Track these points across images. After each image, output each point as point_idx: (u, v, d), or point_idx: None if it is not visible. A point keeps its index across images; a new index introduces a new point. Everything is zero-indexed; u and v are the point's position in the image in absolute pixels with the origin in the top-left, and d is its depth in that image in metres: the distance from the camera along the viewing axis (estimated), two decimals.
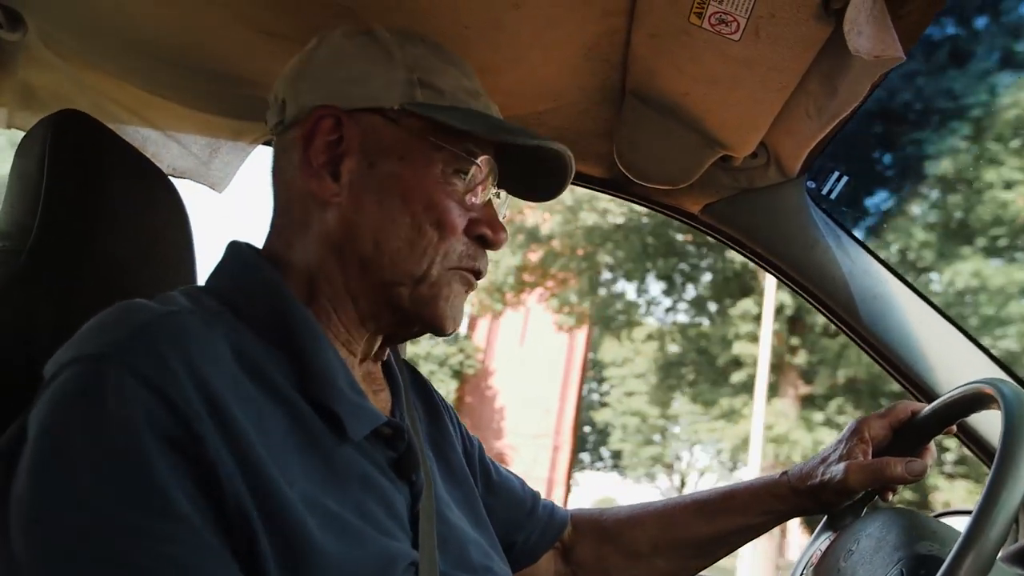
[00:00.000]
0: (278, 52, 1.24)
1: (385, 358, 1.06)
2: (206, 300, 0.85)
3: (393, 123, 0.93)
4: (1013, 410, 0.86)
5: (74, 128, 1.00)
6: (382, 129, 0.93)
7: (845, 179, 1.46)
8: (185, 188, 1.29)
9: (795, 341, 17.83)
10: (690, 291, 19.27)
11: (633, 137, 1.39)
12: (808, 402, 17.86)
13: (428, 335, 1.03)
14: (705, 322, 19.18)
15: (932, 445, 1.17)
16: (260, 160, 1.70)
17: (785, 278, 1.51)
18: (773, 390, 18.23)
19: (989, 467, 0.85)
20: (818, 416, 17.13)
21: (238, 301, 0.87)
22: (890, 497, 1.15)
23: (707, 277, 18.94)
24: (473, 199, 0.96)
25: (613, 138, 1.43)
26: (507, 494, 1.24)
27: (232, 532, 0.71)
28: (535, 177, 1.05)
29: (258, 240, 0.99)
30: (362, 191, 0.93)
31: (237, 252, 0.95)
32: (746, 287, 17.95)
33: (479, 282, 1.01)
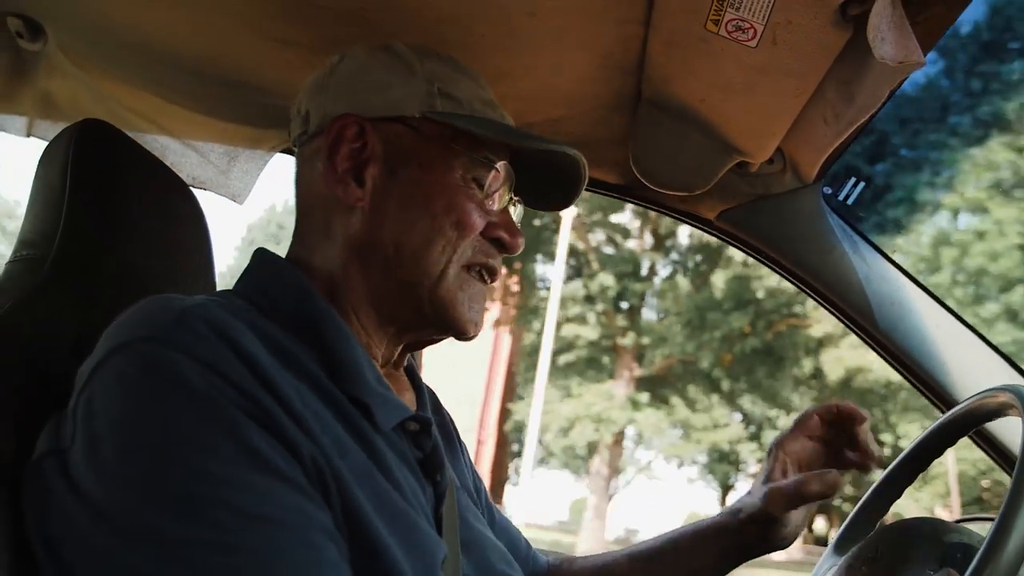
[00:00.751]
0: (294, 60, 1.25)
1: (405, 364, 1.07)
2: (232, 299, 0.87)
3: (414, 131, 0.96)
4: None
5: (97, 138, 1.01)
6: (403, 137, 0.96)
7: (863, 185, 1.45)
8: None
9: (623, 322, 18.18)
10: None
11: (649, 143, 1.40)
12: (641, 383, 18.44)
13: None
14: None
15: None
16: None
17: (802, 284, 1.51)
18: (609, 372, 18.68)
19: (1009, 473, 0.84)
20: (644, 396, 17.73)
21: (263, 302, 0.89)
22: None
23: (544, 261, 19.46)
24: (491, 204, 0.99)
25: (629, 145, 1.43)
26: (506, 536, 1.23)
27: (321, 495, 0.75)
28: (549, 185, 1.07)
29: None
30: (385, 196, 0.95)
31: (262, 258, 0.98)
32: (579, 269, 18.49)
33: None
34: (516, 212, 1.06)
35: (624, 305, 18.64)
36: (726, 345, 17.18)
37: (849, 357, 15.82)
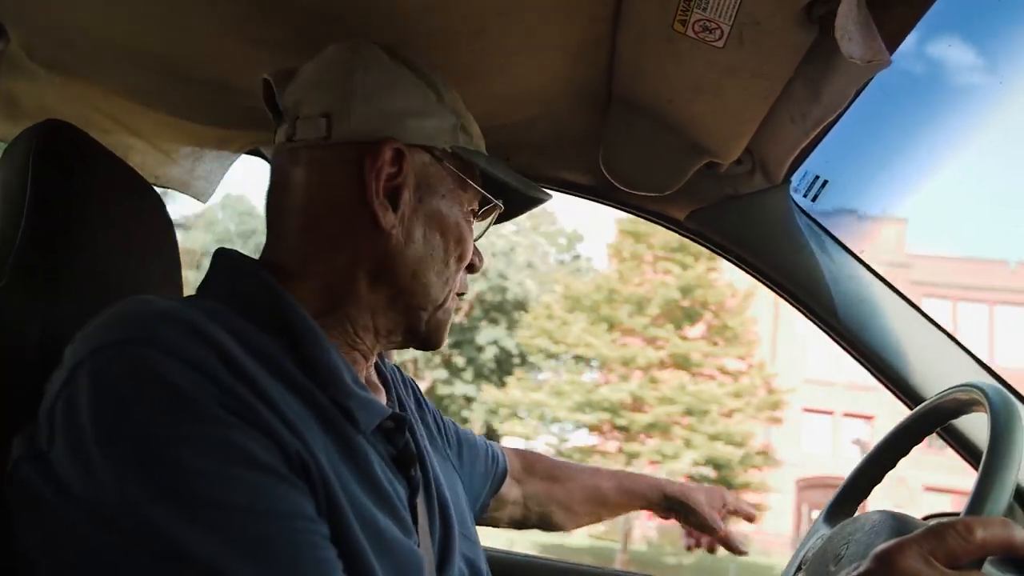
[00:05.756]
0: (265, 60, 1.24)
1: (375, 361, 1.08)
2: (205, 302, 0.86)
3: (438, 162, 0.99)
4: (999, 412, 0.87)
5: (58, 138, 0.99)
6: (430, 167, 0.99)
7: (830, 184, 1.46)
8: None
9: None
10: None
11: (618, 144, 1.40)
12: None
13: None
14: None
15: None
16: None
17: (771, 283, 1.52)
18: None
19: (975, 468, 0.85)
20: None
21: (236, 303, 0.87)
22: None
23: None
24: (477, 234, 1.06)
25: (599, 145, 1.43)
26: (471, 453, 1.37)
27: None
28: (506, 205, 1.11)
29: None
30: (412, 224, 0.97)
31: (227, 259, 0.96)
32: None
33: None
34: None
35: None
36: None
37: None
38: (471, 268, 1.06)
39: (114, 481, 0.68)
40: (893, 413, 24.74)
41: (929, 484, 22.84)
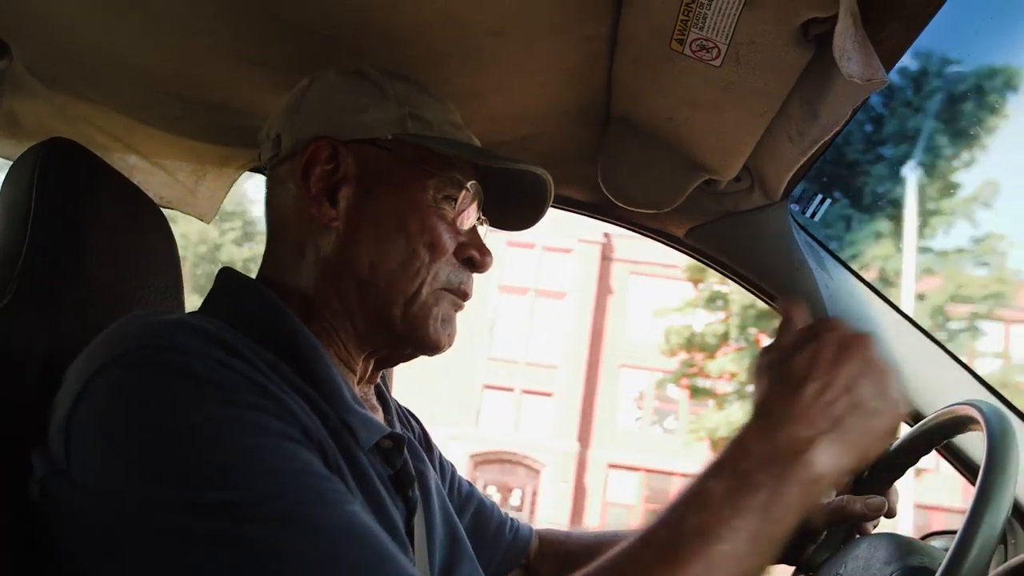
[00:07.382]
0: (265, 80, 1.25)
1: (376, 382, 1.08)
2: (208, 319, 0.87)
3: (386, 152, 0.98)
4: (995, 430, 0.87)
5: (63, 156, 1.00)
6: (376, 158, 0.98)
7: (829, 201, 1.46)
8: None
9: None
10: None
11: (617, 161, 1.40)
12: None
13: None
14: None
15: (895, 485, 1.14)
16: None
17: (770, 300, 1.52)
18: None
19: (973, 484, 0.85)
20: None
21: (238, 321, 0.88)
22: (870, 530, 1.12)
23: None
24: (461, 224, 1.01)
25: (597, 162, 1.44)
26: (479, 515, 1.28)
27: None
28: (515, 204, 1.10)
29: None
30: (359, 217, 0.97)
31: (230, 278, 0.98)
32: None
33: None
34: (483, 231, 1.08)
35: None
36: None
37: None
38: (471, 264, 1.02)
39: (163, 475, 0.68)
40: (570, 391, 25.28)
41: None
